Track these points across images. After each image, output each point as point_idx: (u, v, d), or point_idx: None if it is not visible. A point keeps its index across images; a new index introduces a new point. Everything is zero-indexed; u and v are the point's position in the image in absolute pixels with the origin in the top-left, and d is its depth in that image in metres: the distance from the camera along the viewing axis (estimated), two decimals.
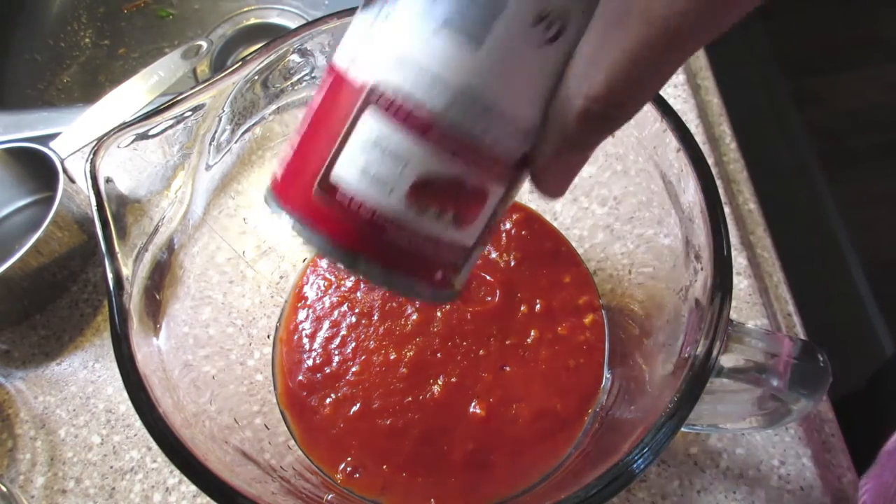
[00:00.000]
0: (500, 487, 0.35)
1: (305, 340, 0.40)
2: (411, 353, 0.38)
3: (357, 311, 0.40)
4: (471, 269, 0.22)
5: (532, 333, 0.39)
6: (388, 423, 0.37)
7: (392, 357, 0.38)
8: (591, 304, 0.40)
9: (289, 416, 0.38)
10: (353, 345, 0.39)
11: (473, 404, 0.37)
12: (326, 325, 0.41)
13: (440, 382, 0.37)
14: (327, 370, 0.39)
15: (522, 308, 0.39)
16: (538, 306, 0.39)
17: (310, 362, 0.40)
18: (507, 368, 0.38)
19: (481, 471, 0.35)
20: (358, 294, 0.41)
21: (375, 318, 0.40)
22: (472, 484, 0.35)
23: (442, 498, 0.35)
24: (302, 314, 0.42)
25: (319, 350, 0.40)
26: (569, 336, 0.39)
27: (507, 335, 0.38)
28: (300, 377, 0.39)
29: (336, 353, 0.39)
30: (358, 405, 0.37)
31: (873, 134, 1.32)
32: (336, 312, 0.41)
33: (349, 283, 0.42)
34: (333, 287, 0.42)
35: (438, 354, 0.38)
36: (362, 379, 0.38)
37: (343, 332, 0.40)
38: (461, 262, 0.21)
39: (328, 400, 0.38)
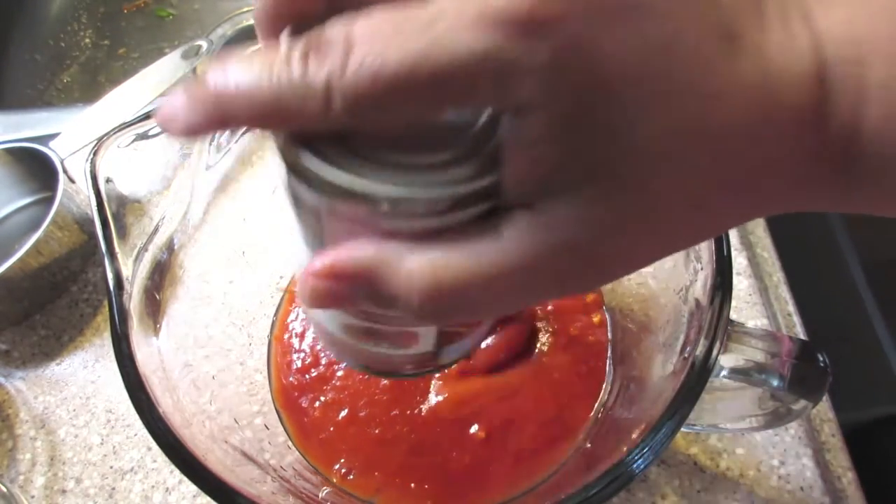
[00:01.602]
0: (500, 489, 0.35)
1: (295, 340, 0.40)
2: None
3: None
4: (463, 350, 0.25)
5: (548, 338, 0.38)
6: (376, 432, 0.36)
7: None
8: (597, 301, 0.39)
9: (283, 415, 0.38)
10: None
11: (475, 427, 0.36)
12: None
13: (432, 401, 0.36)
14: (314, 372, 0.38)
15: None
16: (549, 305, 0.39)
17: (299, 363, 0.39)
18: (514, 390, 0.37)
19: (480, 477, 0.35)
20: None
21: None
22: (470, 487, 0.35)
23: (439, 501, 0.35)
24: (293, 313, 0.41)
25: (308, 350, 0.39)
26: (580, 336, 0.38)
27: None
28: (291, 377, 0.39)
29: (323, 354, 0.39)
30: (346, 411, 0.37)
31: None
32: None
33: None
34: None
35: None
36: (347, 385, 0.38)
37: None
38: (429, 359, 0.25)
39: (317, 403, 0.37)
